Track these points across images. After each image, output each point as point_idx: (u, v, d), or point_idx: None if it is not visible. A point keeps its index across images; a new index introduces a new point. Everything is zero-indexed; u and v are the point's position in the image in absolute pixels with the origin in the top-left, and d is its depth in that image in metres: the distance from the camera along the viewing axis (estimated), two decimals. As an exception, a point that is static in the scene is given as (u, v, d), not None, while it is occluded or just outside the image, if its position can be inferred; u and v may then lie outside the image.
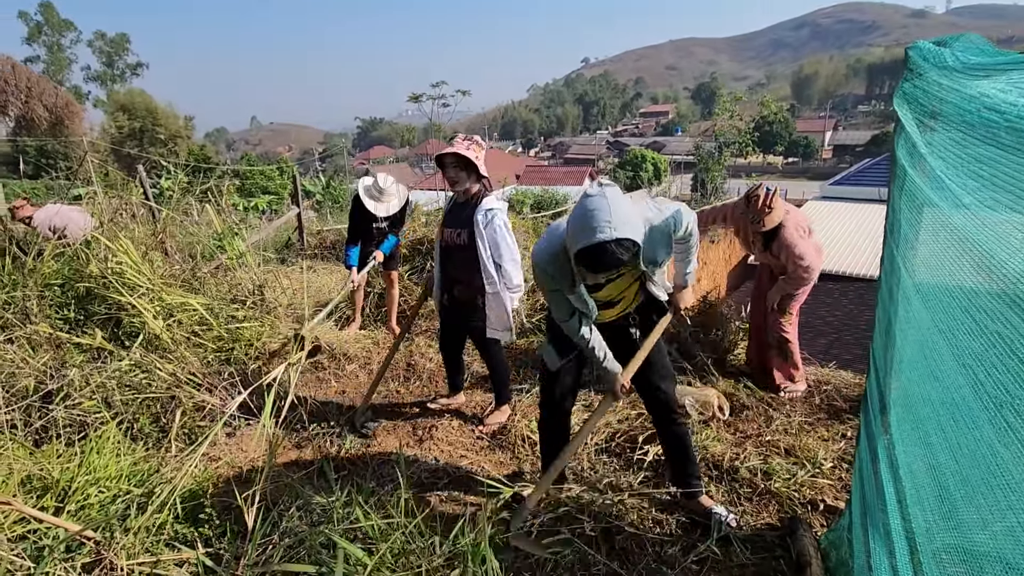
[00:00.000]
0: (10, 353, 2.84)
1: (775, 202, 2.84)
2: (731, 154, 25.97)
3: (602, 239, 1.53)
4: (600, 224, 1.54)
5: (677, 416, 2.14)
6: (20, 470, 1.84)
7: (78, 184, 9.53)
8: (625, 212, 1.58)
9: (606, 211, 1.55)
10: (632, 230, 1.58)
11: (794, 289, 3.04)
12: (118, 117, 32.73)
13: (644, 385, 2.13)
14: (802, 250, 2.90)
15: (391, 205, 4.09)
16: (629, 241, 1.56)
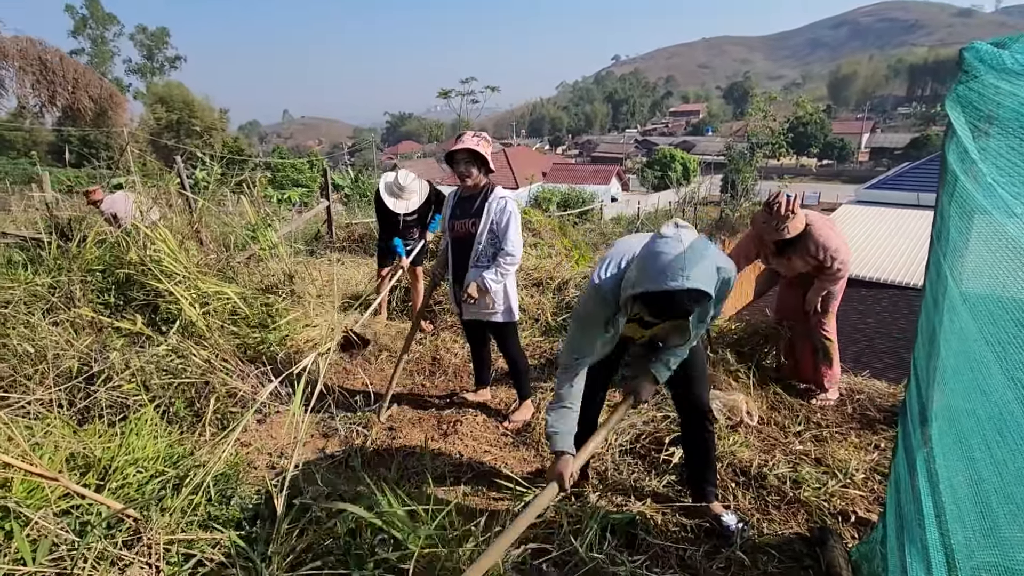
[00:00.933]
0: (55, 335, 2.95)
1: (796, 208, 2.80)
2: (763, 155, 25.45)
3: (675, 288, 1.48)
4: (675, 271, 1.48)
5: (708, 422, 2.10)
6: (65, 448, 1.92)
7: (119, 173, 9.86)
8: (704, 264, 1.52)
9: (682, 258, 1.49)
10: (707, 281, 1.51)
11: (832, 285, 3.00)
12: (156, 109, 33.74)
13: (683, 390, 2.10)
14: (836, 243, 2.86)
15: (411, 202, 4.09)
16: (699, 292, 1.50)
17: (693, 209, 20.02)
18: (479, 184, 2.80)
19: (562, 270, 4.74)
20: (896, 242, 10.74)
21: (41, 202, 7.71)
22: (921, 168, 13.75)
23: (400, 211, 4.05)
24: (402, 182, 4.05)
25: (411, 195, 4.09)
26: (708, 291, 1.51)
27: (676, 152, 38.16)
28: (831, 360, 3.12)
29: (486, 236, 2.79)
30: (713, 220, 19.68)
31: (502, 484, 2.36)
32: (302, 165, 27.54)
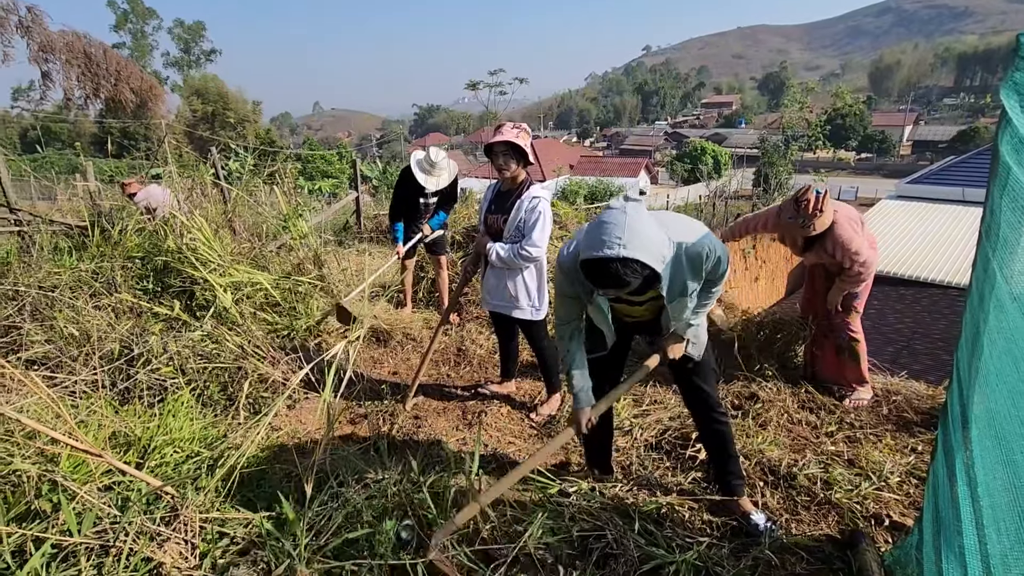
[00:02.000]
0: (98, 319, 3.07)
1: (826, 204, 2.70)
2: (799, 148, 24.74)
3: (608, 255, 1.47)
4: (611, 239, 1.48)
5: (717, 415, 2.09)
6: (108, 427, 2.00)
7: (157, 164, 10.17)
8: (644, 233, 1.50)
9: (621, 227, 1.49)
10: (646, 254, 1.49)
11: (852, 287, 2.90)
12: (192, 101, 34.66)
13: (686, 384, 2.10)
14: (857, 245, 2.75)
15: (441, 179, 4.10)
16: (638, 263, 1.49)
17: (724, 203, 19.60)
18: (517, 178, 2.76)
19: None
20: (938, 240, 10.33)
21: (85, 191, 8.02)
22: (968, 162, 13.16)
23: (431, 187, 4.04)
24: (433, 158, 4.06)
25: (441, 172, 4.10)
26: (645, 261, 1.49)
27: (707, 145, 37.38)
28: (858, 358, 3.03)
29: (512, 233, 2.75)
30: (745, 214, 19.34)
31: (527, 476, 2.36)
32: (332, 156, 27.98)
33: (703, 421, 2.12)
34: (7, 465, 1.62)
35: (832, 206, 2.78)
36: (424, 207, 4.21)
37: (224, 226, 4.68)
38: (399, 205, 4.21)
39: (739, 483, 2.13)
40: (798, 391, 3.09)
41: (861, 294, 2.98)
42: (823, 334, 3.17)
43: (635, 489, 2.32)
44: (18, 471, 1.63)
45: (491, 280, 2.90)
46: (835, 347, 3.10)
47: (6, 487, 1.60)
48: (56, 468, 1.65)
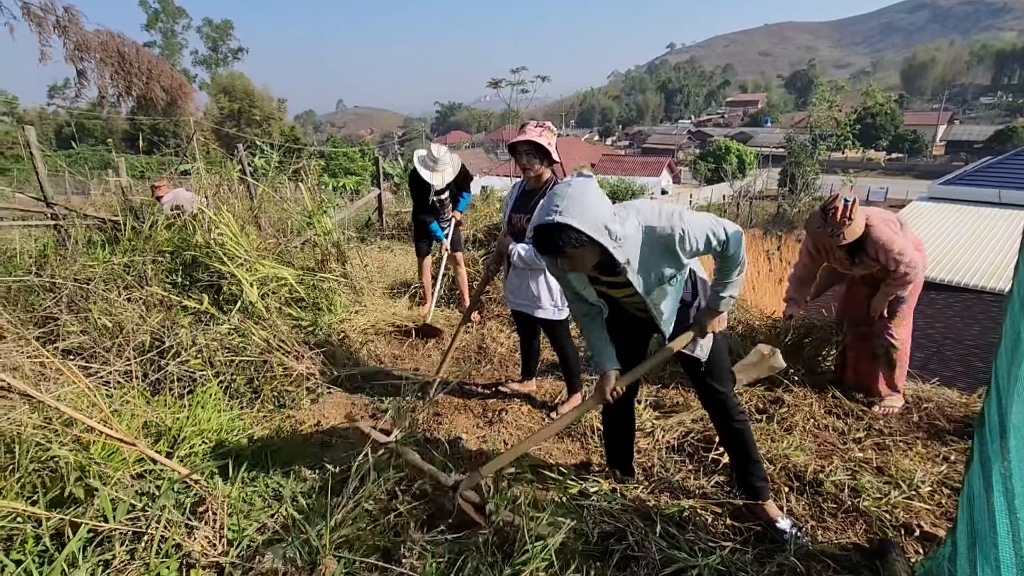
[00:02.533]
0: (130, 311, 3.15)
1: (855, 213, 2.61)
2: (827, 148, 24.21)
3: (546, 221, 1.55)
4: (551, 207, 1.56)
5: (735, 415, 2.05)
6: (140, 416, 2.05)
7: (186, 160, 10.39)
8: (584, 203, 1.55)
9: (561, 196, 1.56)
10: (582, 221, 1.54)
11: (899, 290, 2.79)
12: (220, 99, 35.35)
13: (701, 386, 2.09)
14: (900, 246, 2.65)
15: (445, 175, 4.15)
16: (572, 229, 1.54)
17: (749, 203, 19.27)
18: (542, 177, 2.75)
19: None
20: (972, 242, 10.02)
21: (117, 187, 8.24)
22: (1005, 163, 12.71)
23: (436, 184, 4.09)
24: (436, 155, 4.12)
25: (444, 167, 4.15)
26: (579, 227, 1.53)
27: (731, 144, 36.83)
28: (894, 365, 2.93)
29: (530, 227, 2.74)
30: (770, 215, 18.89)
31: (547, 475, 2.36)
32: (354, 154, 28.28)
33: (721, 422, 2.09)
34: (45, 451, 1.67)
35: (863, 212, 2.69)
36: (438, 203, 4.25)
37: (250, 222, 4.76)
38: (419, 208, 4.28)
39: (763, 485, 2.08)
40: (825, 396, 3.03)
41: (909, 299, 2.86)
42: (860, 339, 3.07)
43: (657, 491, 2.30)
44: (56, 457, 1.68)
45: (514, 280, 2.90)
46: (871, 353, 3.00)
47: (44, 472, 1.66)
48: (91, 455, 1.70)
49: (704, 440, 2.62)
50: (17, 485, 1.60)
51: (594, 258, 1.64)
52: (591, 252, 1.61)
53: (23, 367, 1.84)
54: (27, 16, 6.51)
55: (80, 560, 1.48)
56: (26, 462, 1.64)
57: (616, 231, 1.61)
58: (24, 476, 1.62)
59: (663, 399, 3.07)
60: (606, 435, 2.41)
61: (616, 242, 1.62)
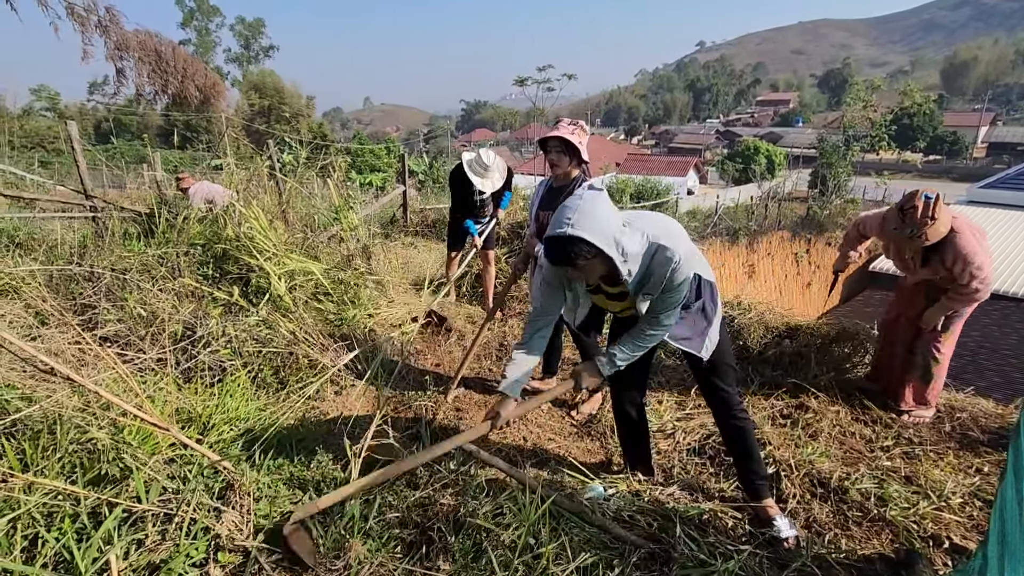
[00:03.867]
0: (163, 301, 3.26)
1: (939, 211, 2.40)
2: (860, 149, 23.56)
3: (558, 233, 1.60)
4: (563, 220, 1.61)
5: (736, 412, 2.09)
6: (172, 402, 2.12)
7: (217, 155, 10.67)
8: (595, 216, 1.60)
9: (573, 209, 1.61)
10: (593, 234, 1.58)
11: (964, 305, 2.63)
12: (251, 95, 36.10)
13: (704, 383, 2.11)
14: (981, 260, 2.45)
15: (494, 180, 4.14)
16: (584, 243, 1.58)
17: (777, 205, 18.87)
18: (570, 175, 2.74)
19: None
20: (1013, 249, 9.66)
21: (151, 181, 8.49)
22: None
23: (487, 190, 4.08)
24: (486, 162, 4.10)
25: (493, 174, 4.14)
26: (590, 240, 1.57)
27: (761, 144, 36.11)
28: (930, 380, 2.80)
29: None
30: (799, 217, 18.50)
31: (565, 472, 2.36)
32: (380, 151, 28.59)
33: (722, 419, 2.13)
34: (84, 433, 1.74)
35: (949, 213, 2.48)
36: (480, 203, 4.25)
37: (278, 216, 4.86)
38: (458, 207, 4.28)
39: (762, 484, 2.10)
40: (852, 402, 2.97)
41: (965, 313, 2.71)
42: (898, 348, 2.94)
43: (676, 493, 2.28)
44: (93, 439, 1.75)
45: (540, 278, 2.90)
46: (908, 363, 2.87)
47: (83, 453, 1.73)
48: (127, 438, 1.76)
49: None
50: (58, 465, 1.67)
51: (602, 270, 1.70)
52: (600, 264, 1.67)
53: (65, 352, 1.91)
54: (71, 16, 6.75)
55: (115, 538, 1.54)
56: (66, 443, 1.71)
57: (623, 245, 1.65)
58: (64, 456, 1.69)
59: (685, 401, 3.05)
60: (620, 438, 2.41)
61: (623, 256, 1.66)
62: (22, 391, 1.87)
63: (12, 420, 1.71)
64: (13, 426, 1.72)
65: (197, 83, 9.18)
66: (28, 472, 1.62)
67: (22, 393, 1.87)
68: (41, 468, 1.67)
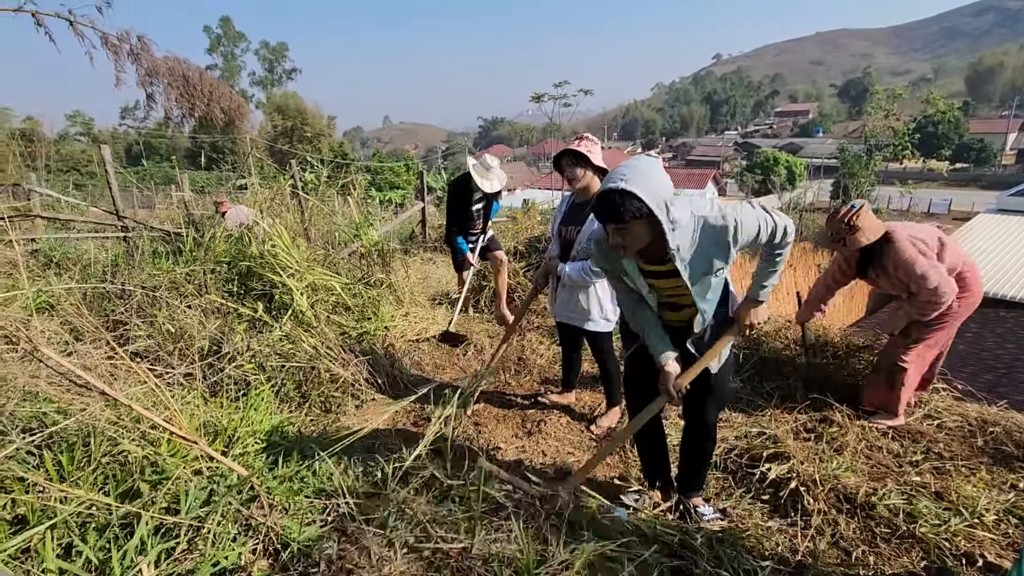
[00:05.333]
0: (190, 317, 3.35)
1: (858, 219, 2.52)
2: (883, 158, 23.18)
3: (611, 187, 1.63)
4: (616, 175, 1.64)
5: (708, 433, 2.16)
6: (199, 416, 2.18)
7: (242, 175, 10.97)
8: (647, 174, 1.64)
9: (630, 168, 1.65)
10: (644, 191, 1.60)
11: (920, 315, 2.62)
12: (274, 117, 37.08)
13: (698, 400, 2.09)
14: (924, 269, 2.48)
15: (495, 183, 4.21)
16: (635, 197, 1.60)
17: (799, 215, 18.60)
18: (590, 189, 2.74)
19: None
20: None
21: (179, 201, 8.75)
22: (1082, 172, 11.86)
23: (488, 190, 4.14)
24: (490, 163, 4.21)
25: (496, 173, 4.23)
26: (640, 195, 1.59)
27: (780, 155, 35.80)
28: (895, 387, 2.78)
29: (585, 245, 2.73)
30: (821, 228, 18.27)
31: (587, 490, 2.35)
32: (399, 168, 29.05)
33: (693, 435, 2.19)
34: (115, 445, 1.80)
35: (885, 225, 2.60)
36: (476, 214, 4.31)
37: (300, 234, 4.97)
38: (455, 219, 4.32)
39: (697, 493, 2.26)
40: (877, 416, 2.90)
41: (933, 329, 2.70)
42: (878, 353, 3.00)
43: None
44: (124, 451, 1.80)
45: (563, 294, 2.92)
46: (875, 365, 2.94)
47: (115, 465, 1.78)
48: (158, 451, 1.82)
49: (749, 458, 2.55)
50: (91, 476, 1.73)
51: (646, 237, 1.69)
52: (645, 228, 1.66)
53: (99, 367, 1.98)
54: (105, 45, 7.07)
55: (149, 547, 1.58)
56: (99, 455, 1.77)
57: (673, 212, 1.66)
58: (98, 468, 1.75)
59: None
60: (640, 452, 2.40)
61: (672, 223, 1.67)
62: (59, 404, 1.94)
63: (49, 433, 1.77)
64: (50, 438, 1.78)
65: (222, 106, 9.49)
66: (64, 483, 1.68)
67: (59, 407, 1.94)
68: (76, 479, 1.72)
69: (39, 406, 1.89)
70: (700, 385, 2.02)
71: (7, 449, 1.67)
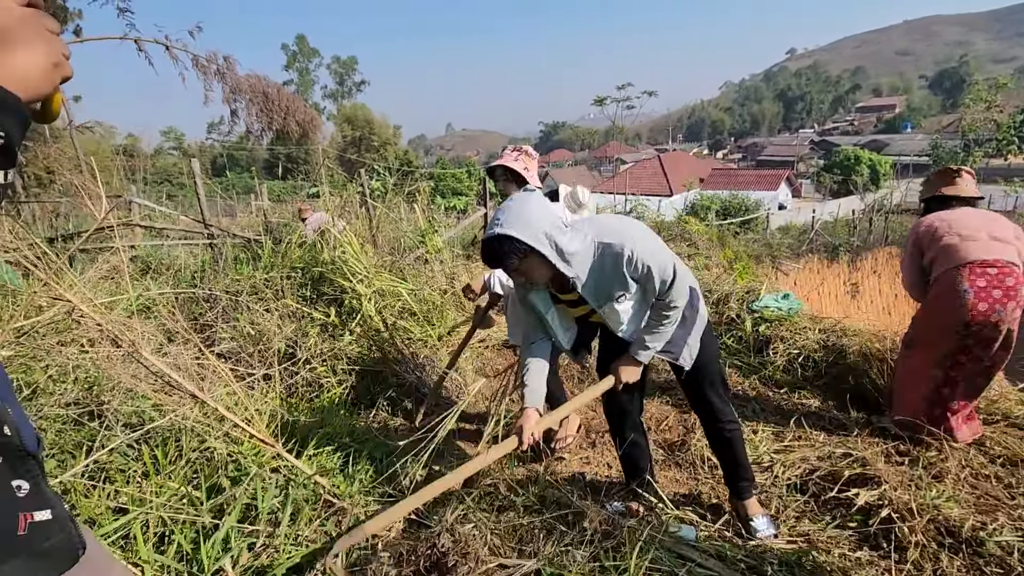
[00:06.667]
0: (268, 321, 3.53)
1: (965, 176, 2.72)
2: (984, 154, 21.19)
3: (489, 234, 1.62)
4: (495, 220, 1.62)
5: (725, 423, 2.11)
6: (277, 416, 2.28)
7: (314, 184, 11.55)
8: (523, 213, 1.60)
9: (505, 210, 1.63)
10: (521, 231, 1.58)
11: None
12: (344, 128, 38.84)
13: (695, 393, 2.11)
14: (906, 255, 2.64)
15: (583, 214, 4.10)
16: (512, 240, 1.59)
17: (884, 218, 17.29)
18: None
19: (722, 283, 4.44)
20: None
21: (258, 210, 9.32)
22: None
23: None
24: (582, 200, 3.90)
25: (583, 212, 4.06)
26: (517, 236, 1.57)
27: (862, 153, 33.53)
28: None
29: None
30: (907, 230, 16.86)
31: (650, 500, 2.27)
32: (461, 175, 29.62)
33: (709, 428, 2.17)
34: (202, 443, 1.91)
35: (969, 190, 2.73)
36: None
37: (369, 240, 5.15)
38: None
39: (746, 485, 2.17)
40: (984, 440, 2.62)
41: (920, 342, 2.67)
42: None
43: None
44: (210, 448, 1.91)
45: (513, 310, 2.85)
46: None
47: (202, 461, 1.89)
48: (240, 449, 1.92)
49: (832, 479, 2.37)
50: (182, 471, 1.84)
51: (545, 271, 1.69)
52: (538, 263, 1.66)
53: (189, 367, 2.12)
54: (196, 66, 7.65)
55: (233, 540, 1.67)
56: (189, 451, 1.89)
57: (561, 243, 1.64)
58: (188, 464, 1.87)
59: (783, 431, 2.84)
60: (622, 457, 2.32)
61: (560, 255, 1.65)
62: (155, 401, 2.09)
63: (147, 429, 1.90)
64: (147, 434, 1.91)
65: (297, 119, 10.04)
66: (158, 476, 1.80)
67: (155, 403, 2.09)
68: (168, 472, 1.85)
69: (138, 403, 2.04)
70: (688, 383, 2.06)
71: (112, 443, 1.81)
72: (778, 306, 3.94)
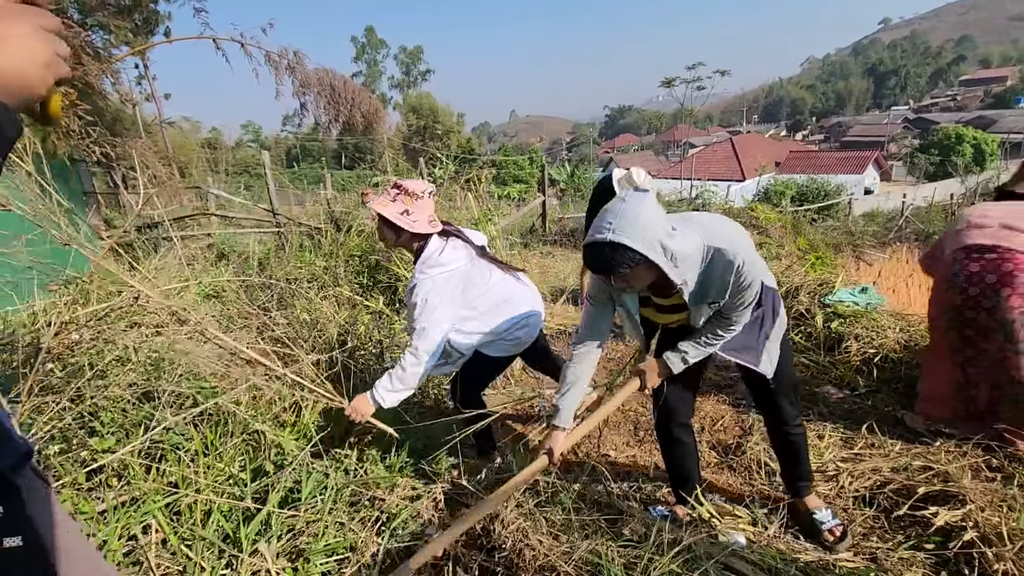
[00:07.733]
0: (324, 308, 3.64)
1: None
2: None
3: (597, 239, 1.48)
4: (603, 224, 1.48)
5: (792, 427, 2.03)
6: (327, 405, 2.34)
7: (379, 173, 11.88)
8: (636, 220, 1.46)
9: (615, 213, 1.48)
10: (635, 239, 1.45)
11: None
12: (409, 117, 39.67)
13: (764, 397, 2.01)
14: None
15: None
16: (626, 249, 1.45)
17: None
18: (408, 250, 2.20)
19: (792, 274, 4.13)
20: None
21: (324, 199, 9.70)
22: None
23: None
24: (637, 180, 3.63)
25: None
26: (631, 245, 1.44)
27: (965, 131, 30.42)
28: None
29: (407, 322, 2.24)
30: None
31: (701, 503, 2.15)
32: (523, 161, 29.55)
33: (774, 432, 2.11)
34: (249, 426, 1.99)
35: None
36: None
37: (426, 228, 5.21)
38: None
39: (805, 484, 2.11)
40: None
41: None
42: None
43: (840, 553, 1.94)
44: (258, 431, 1.99)
45: None
46: None
47: (250, 443, 1.97)
48: (285, 435, 1.98)
49: (904, 494, 2.15)
50: (230, 452, 1.93)
51: (650, 277, 1.58)
52: (646, 271, 1.54)
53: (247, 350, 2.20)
54: (268, 62, 8.01)
55: (274, 522, 1.73)
56: (239, 434, 1.97)
57: (672, 249, 1.52)
58: (237, 446, 1.95)
59: (854, 438, 2.61)
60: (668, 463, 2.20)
61: (672, 261, 1.53)
62: (210, 383, 2.20)
63: (200, 410, 2.00)
64: (201, 415, 2.01)
65: (362, 111, 10.32)
66: (208, 456, 1.89)
67: (210, 385, 2.19)
68: (218, 452, 1.93)
69: (195, 384, 2.15)
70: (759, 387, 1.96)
71: (168, 421, 1.91)
72: (854, 300, 3.62)
